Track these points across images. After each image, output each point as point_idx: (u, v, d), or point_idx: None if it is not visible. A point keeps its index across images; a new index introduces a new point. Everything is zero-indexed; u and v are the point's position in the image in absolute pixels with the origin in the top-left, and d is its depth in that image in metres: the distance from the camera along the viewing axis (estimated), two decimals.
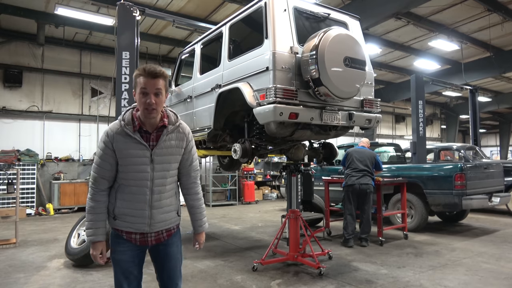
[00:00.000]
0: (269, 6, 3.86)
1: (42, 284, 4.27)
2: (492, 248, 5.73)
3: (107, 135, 2.04)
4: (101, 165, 2.06)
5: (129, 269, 2.11)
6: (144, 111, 1.98)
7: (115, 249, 2.12)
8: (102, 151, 2.05)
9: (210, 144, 5.08)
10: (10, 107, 10.63)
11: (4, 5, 8.70)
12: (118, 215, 2.08)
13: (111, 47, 11.16)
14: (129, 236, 2.10)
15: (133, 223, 2.08)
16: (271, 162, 15.22)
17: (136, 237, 2.10)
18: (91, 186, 2.10)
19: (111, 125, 2.08)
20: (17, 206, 6.23)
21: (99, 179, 2.07)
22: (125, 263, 2.10)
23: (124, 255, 2.10)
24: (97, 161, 2.07)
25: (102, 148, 2.04)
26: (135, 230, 2.09)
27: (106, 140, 2.03)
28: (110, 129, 2.05)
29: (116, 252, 2.11)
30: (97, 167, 2.07)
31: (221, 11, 9.63)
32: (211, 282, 4.27)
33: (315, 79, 3.65)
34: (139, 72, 1.99)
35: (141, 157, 2.02)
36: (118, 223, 2.09)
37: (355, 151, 6.19)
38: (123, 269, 2.10)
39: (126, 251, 2.11)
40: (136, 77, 2.00)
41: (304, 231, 4.91)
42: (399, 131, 21.20)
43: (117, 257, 2.11)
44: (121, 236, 2.11)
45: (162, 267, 2.23)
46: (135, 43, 5.36)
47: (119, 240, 2.11)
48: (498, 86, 18.07)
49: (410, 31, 11.10)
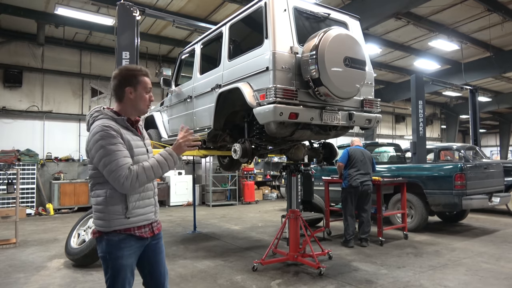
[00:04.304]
0: (269, 6, 3.85)
1: (42, 284, 4.28)
2: (492, 248, 5.73)
3: (113, 128, 1.99)
4: (126, 154, 1.98)
5: (132, 273, 2.10)
6: (147, 107, 2.21)
7: (122, 255, 2.02)
8: (116, 142, 1.96)
9: (210, 144, 5.07)
10: (10, 107, 10.64)
11: (4, 5, 8.70)
12: (132, 210, 2.05)
13: (111, 47, 11.16)
14: (140, 231, 2.10)
15: (145, 214, 2.13)
16: (271, 162, 15.22)
17: (145, 230, 2.13)
18: (130, 174, 1.93)
19: (105, 122, 2.02)
20: (17, 206, 6.23)
21: (128, 163, 1.96)
22: (130, 267, 2.07)
23: (130, 259, 2.07)
24: (120, 152, 1.96)
25: (114, 142, 1.96)
26: (146, 221, 2.13)
27: (114, 133, 1.97)
28: (110, 123, 2.01)
29: (123, 257, 2.03)
30: (124, 156, 1.96)
31: (221, 11, 9.63)
32: (211, 282, 4.27)
33: (315, 79, 3.65)
34: (142, 73, 2.16)
35: (141, 147, 2.17)
36: (132, 220, 2.05)
37: (357, 151, 6.14)
38: (127, 275, 2.05)
39: (132, 254, 2.08)
40: (137, 77, 2.14)
41: (304, 231, 4.91)
42: (399, 131, 21.20)
43: (125, 262, 2.04)
44: (131, 236, 2.05)
45: (157, 262, 2.23)
46: (135, 43, 5.37)
47: (126, 243, 2.04)
48: (498, 86, 18.07)
49: (410, 31, 11.11)
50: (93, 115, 2.11)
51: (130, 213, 2.04)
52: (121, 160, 1.94)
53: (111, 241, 2.02)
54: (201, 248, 5.92)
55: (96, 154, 1.95)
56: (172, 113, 5.86)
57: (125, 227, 2.04)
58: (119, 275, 2.02)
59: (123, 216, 2.03)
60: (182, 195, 12.28)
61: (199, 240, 6.57)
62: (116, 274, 2.02)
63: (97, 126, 2.00)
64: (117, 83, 2.12)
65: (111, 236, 2.02)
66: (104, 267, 2.06)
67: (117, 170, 1.92)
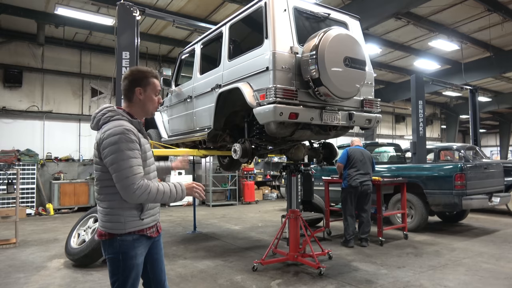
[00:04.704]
0: (269, 6, 3.85)
1: (42, 284, 4.28)
2: (492, 248, 5.73)
3: (133, 133, 1.96)
4: (139, 162, 1.95)
5: (141, 270, 2.12)
6: (154, 109, 2.21)
7: (136, 254, 2.03)
8: (135, 149, 1.94)
9: (210, 144, 5.08)
10: (10, 107, 10.64)
11: (4, 5, 8.70)
12: (146, 211, 2.06)
13: (111, 47, 11.16)
14: (150, 231, 2.12)
15: (154, 214, 2.16)
16: (271, 162, 15.22)
17: (153, 230, 2.16)
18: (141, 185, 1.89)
19: (124, 123, 1.99)
20: (17, 206, 6.23)
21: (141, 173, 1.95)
22: (141, 265, 2.10)
23: (142, 257, 2.09)
24: (135, 160, 1.92)
25: (133, 147, 1.93)
26: (154, 222, 2.16)
27: (134, 138, 1.94)
28: (129, 127, 1.97)
29: (137, 256, 2.03)
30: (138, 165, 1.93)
31: (221, 11, 9.63)
32: (211, 282, 4.27)
33: (315, 79, 3.65)
34: (153, 75, 2.16)
35: (150, 151, 2.19)
36: (145, 221, 2.06)
37: (357, 152, 6.14)
38: (138, 273, 2.07)
39: (143, 252, 2.10)
40: (148, 78, 2.14)
41: (304, 231, 4.91)
42: (399, 131, 21.20)
43: (138, 261, 2.04)
44: (143, 237, 2.06)
45: (158, 260, 2.26)
46: (135, 43, 5.37)
47: (139, 243, 2.05)
48: (498, 86, 18.07)
49: (410, 31, 11.11)
50: (105, 114, 2.03)
51: (144, 214, 2.06)
52: (136, 169, 1.90)
53: (126, 241, 2.00)
54: (201, 248, 5.92)
55: (111, 156, 1.89)
56: (172, 113, 5.86)
57: (139, 228, 2.04)
58: (130, 275, 2.02)
59: (138, 218, 2.03)
60: None
61: (199, 240, 6.57)
62: (128, 274, 2.01)
63: (115, 126, 1.93)
64: (127, 83, 2.13)
65: (125, 237, 2.00)
66: (113, 268, 2.01)
67: (131, 178, 1.87)
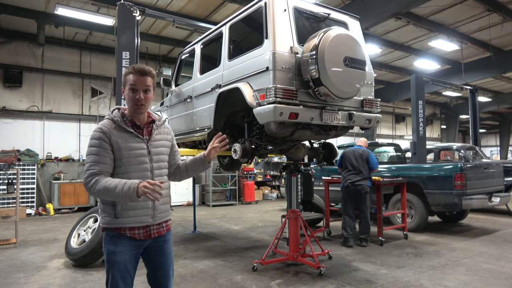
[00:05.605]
0: (269, 6, 3.85)
1: (42, 284, 4.28)
2: (492, 248, 5.73)
3: (102, 130, 2.05)
4: (101, 160, 2.00)
5: (127, 270, 2.10)
6: (133, 106, 2.12)
7: (114, 250, 2.07)
8: (99, 146, 2.02)
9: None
10: (10, 107, 10.64)
11: (4, 5, 8.70)
12: (121, 211, 2.06)
13: (111, 47, 11.16)
14: (132, 232, 2.10)
15: (137, 216, 2.10)
16: (271, 162, 15.22)
17: (140, 232, 2.12)
18: (90, 181, 1.94)
19: (102, 123, 2.11)
20: (17, 206, 6.23)
21: (99, 173, 1.97)
22: (123, 264, 2.08)
23: (124, 256, 2.08)
24: (95, 157, 2.00)
25: (98, 144, 2.02)
26: (139, 224, 2.10)
27: (101, 135, 2.04)
28: (103, 126, 2.08)
29: (115, 253, 2.07)
30: (95, 162, 1.98)
31: (221, 11, 9.63)
32: (211, 282, 4.27)
33: (315, 79, 3.65)
34: (129, 70, 2.13)
35: (139, 150, 2.12)
36: (121, 220, 2.06)
37: (349, 152, 6.20)
38: (121, 271, 2.07)
39: (125, 251, 2.09)
40: (126, 75, 2.13)
41: (304, 231, 4.91)
42: (399, 131, 21.20)
43: (116, 258, 2.07)
44: (122, 235, 2.08)
45: (159, 265, 2.23)
46: (135, 43, 5.37)
47: (118, 240, 2.08)
48: (498, 86, 18.07)
49: (410, 31, 11.11)
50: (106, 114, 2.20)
51: (119, 213, 2.07)
52: (91, 165, 1.99)
53: (107, 236, 2.12)
54: (201, 248, 5.92)
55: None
56: (172, 113, 5.86)
57: (115, 226, 2.08)
58: (112, 270, 2.08)
59: (113, 215, 2.08)
60: (182, 195, 12.28)
61: (199, 240, 6.57)
62: (110, 269, 2.09)
63: (97, 126, 2.11)
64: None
65: (106, 232, 2.11)
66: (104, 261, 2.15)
67: (86, 173, 1.99)
